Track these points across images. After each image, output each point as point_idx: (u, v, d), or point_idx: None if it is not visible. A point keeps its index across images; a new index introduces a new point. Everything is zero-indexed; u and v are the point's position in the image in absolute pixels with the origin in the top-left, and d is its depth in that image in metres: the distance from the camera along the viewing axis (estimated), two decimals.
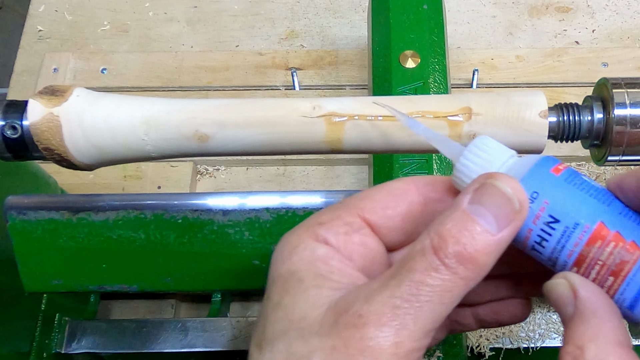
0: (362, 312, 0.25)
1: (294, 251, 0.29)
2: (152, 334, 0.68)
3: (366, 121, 0.39)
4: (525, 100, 0.39)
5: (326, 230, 0.29)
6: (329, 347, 0.25)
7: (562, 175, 0.28)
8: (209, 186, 0.82)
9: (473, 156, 0.29)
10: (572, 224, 0.27)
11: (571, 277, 0.27)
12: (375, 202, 0.30)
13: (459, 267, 0.25)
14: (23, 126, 0.38)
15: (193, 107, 0.39)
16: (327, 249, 0.29)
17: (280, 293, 0.28)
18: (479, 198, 0.27)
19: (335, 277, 0.28)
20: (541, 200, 0.28)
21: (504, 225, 0.26)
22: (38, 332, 0.64)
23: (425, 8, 0.68)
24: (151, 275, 0.45)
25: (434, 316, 0.26)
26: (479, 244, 0.26)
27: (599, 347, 0.25)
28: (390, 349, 0.25)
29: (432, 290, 0.25)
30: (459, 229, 0.26)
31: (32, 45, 0.91)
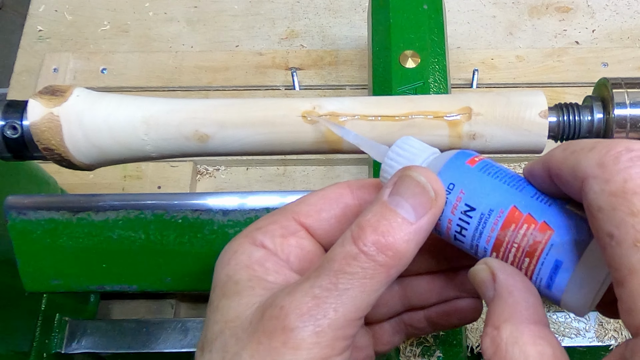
0: (284, 304, 0.26)
1: (232, 256, 0.30)
2: (152, 334, 0.68)
3: (366, 121, 0.39)
4: (525, 100, 0.39)
5: (263, 235, 0.30)
6: (255, 342, 0.26)
7: (477, 166, 0.29)
8: (209, 186, 0.82)
9: (396, 155, 0.31)
10: (487, 210, 0.28)
11: (490, 262, 0.28)
12: (310, 206, 0.31)
13: (378, 254, 0.26)
14: (23, 126, 0.38)
15: (193, 107, 0.39)
16: (263, 252, 0.30)
17: (219, 296, 0.29)
18: (397, 189, 0.27)
19: (271, 278, 0.29)
20: (457, 190, 0.29)
21: (422, 214, 0.27)
22: (38, 332, 0.64)
23: (425, 8, 0.68)
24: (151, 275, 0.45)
25: (356, 304, 0.26)
26: (398, 232, 0.26)
27: (513, 325, 0.25)
28: (311, 338, 0.25)
29: (352, 279, 0.26)
30: (378, 219, 0.27)
31: (32, 45, 0.91)
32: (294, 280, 0.29)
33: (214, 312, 0.29)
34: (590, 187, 0.24)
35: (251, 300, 0.28)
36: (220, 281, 0.29)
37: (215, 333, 0.28)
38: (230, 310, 0.28)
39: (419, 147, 0.31)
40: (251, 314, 0.27)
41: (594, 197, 0.24)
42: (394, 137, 0.39)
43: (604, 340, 0.67)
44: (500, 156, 0.81)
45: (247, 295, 0.28)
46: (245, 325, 0.27)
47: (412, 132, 0.39)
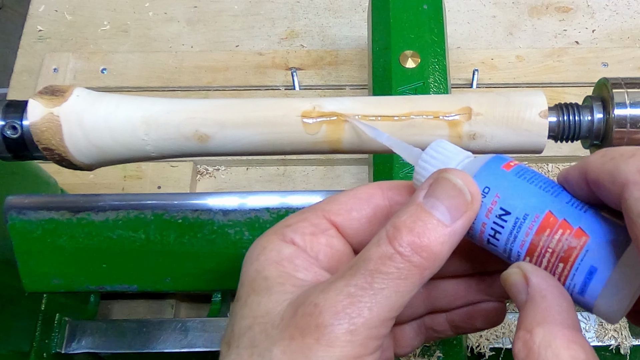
0: (318, 302, 0.26)
1: (262, 252, 0.30)
2: (152, 334, 0.68)
3: (366, 121, 0.39)
4: (525, 100, 0.39)
5: (293, 232, 0.30)
6: (288, 338, 0.26)
7: (512, 171, 0.29)
8: (209, 186, 0.82)
9: (430, 158, 0.31)
10: (522, 215, 0.28)
11: (523, 266, 0.28)
12: (340, 205, 0.31)
13: (413, 255, 0.26)
14: (23, 126, 0.38)
15: (193, 107, 0.39)
16: (293, 248, 0.30)
17: (247, 292, 0.29)
18: (433, 191, 0.28)
19: (300, 275, 0.29)
20: (493, 194, 0.29)
21: (457, 217, 0.27)
22: (38, 332, 0.64)
23: (425, 8, 0.68)
24: (151, 275, 0.45)
25: (389, 304, 0.26)
26: (433, 234, 0.26)
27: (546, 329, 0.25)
28: (345, 336, 0.25)
29: (386, 278, 0.26)
30: (413, 220, 0.27)
31: (32, 45, 0.91)
32: (323, 278, 0.29)
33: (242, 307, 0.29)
34: (631, 193, 0.24)
35: (281, 296, 0.28)
36: (249, 276, 0.29)
37: (243, 328, 0.28)
38: (259, 306, 0.28)
39: (452, 150, 0.31)
40: (282, 310, 0.27)
41: (634, 203, 0.24)
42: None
43: (604, 340, 0.67)
44: None
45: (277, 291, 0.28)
46: (276, 322, 0.27)
47: (412, 132, 0.39)
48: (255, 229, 0.44)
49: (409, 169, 0.60)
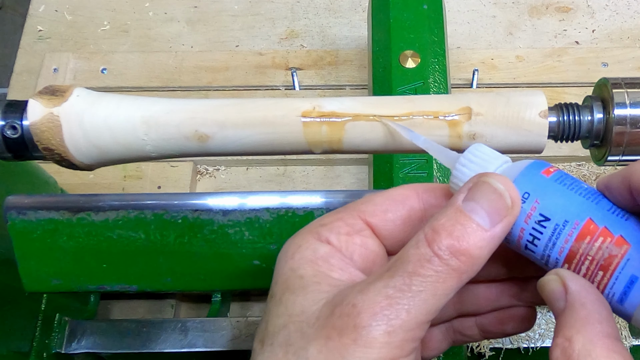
0: (356, 302, 0.26)
1: (297, 251, 0.30)
2: (152, 334, 0.68)
3: (366, 121, 0.39)
4: (525, 100, 0.39)
5: (328, 231, 0.30)
6: (324, 337, 0.26)
7: (552, 177, 0.29)
8: (209, 186, 0.82)
9: (468, 162, 0.31)
10: (562, 222, 0.28)
11: (562, 273, 0.28)
12: (376, 206, 0.31)
13: (452, 259, 0.26)
14: (23, 126, 0.38)
15: (193, 107, 0.39)
16: (328, 248, 0.29)
17: (282, 290, 0.29)
18: (472, 195, 0.27)
19: (336, 275, 0.29)
20: (532, 199, 0.29)
21: (497, 221, 0.27)
22: (38, 332, 0.64)
23: (425, 8, 0.68)
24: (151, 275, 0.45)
25: (427, 307, 0.26)
26: (472, 238, 0.26)
27: (586, 338, 0.25)
28: (382, 337, 0.25)
29: (425, 281, 0.26)
30: (452, 223, 0.27)
31: (32, 45, 0.91)
32: (358, 278, 0.29)
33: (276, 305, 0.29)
34: None
35: (317, 295, 0.28)
36: (284, 274, 0.29)
37: (277, 326, 0.28)
38: (295, 305, 0.28)
39: (491, 155, 0.31)
40: (318, 309, 0.27)
41: None
42: (394, 137, 0.39)
43: None
44: None
45: (312, 290, 0.28)
46: (312, 321, 0.27)
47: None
48: (255, 229, 0.44)
49: (409, 169, 0.60)
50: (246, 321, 0.69)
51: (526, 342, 0.66)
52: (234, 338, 0.68)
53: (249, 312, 0.78)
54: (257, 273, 0.44)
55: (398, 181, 0.59)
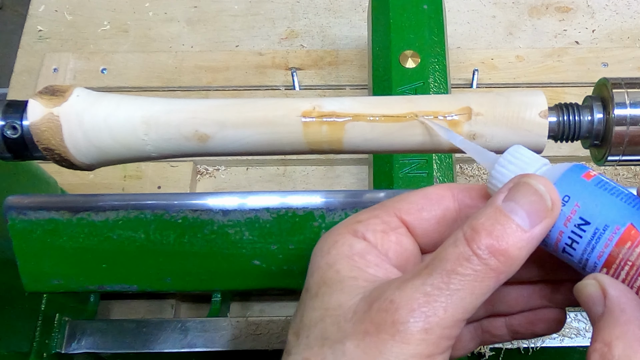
0: (394, 298, 0.26)
1: (333, 246, 0.30)
2: (152, 334, 0.68)
3: (366, 121, 0.39)
4: (525, 100, 0.39)
5: (364, 227, 0.30)
6: (362, 332, 0.26)
7: (592, 181, 0.29)
8: (209, 186, 0.82)
9: (507, 163, 0.31)
10: (602, 226, 0.28)
11: (601, 278, 0.28)
12: (411, 204, 0.31)
13: (490, 258, 0.26)
14: (23, 126, 0.38)
15: (193, 107, 0.39)
16: (364, 244, 0.30)
17: (318, 284, 0.29)
18: (512, 195, 0.28)
19: (371, 270, 0.29)
20: (572, 203, 0.29)
21: (536, 223, 0.27)
22: (38, 332, 0.64)
23: (425, 8, 0.68)
24: (151, 275, 0.45)
25: (464, 306, 0.26)
26: (511, 238, 0.26)
27: (626, 343, 0.25)
28: (419, 334, 0.26)
29: (463, 280, 0.26)
30: (492, 223, 0.27)
31: (32, 45, 0.91)
32: (394, 275, 0.29)
33: (312, 298, 0.29)
34: None
35: (354, 290, 0.28)
36: (320, 269, 0.30)
37: (313, 320, 0.28)
38: (331, 299, 0.28)
39: (530, 157, 0.31)
40: (354, 304, 0.27)
41: None
42: (394, 137, 0.39)
43: None
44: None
45: (349, 285, 0.28)
46: (349, 315, 0.27)
47: (412, 132, 0.39)
48: (255, 229, 0.44)
49: (409, 169, 0.60)
50: (246, 321, 0.69)
51: (526, 342, 0.66)
52: (234, 338, 0.68)
53: (249, 312, 0.78)
54: (257, 273, 0.44)
55: (398, 181, 0.59)
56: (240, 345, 0.67)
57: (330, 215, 0.43)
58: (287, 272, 0.44)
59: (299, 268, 0.43)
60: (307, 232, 0.43)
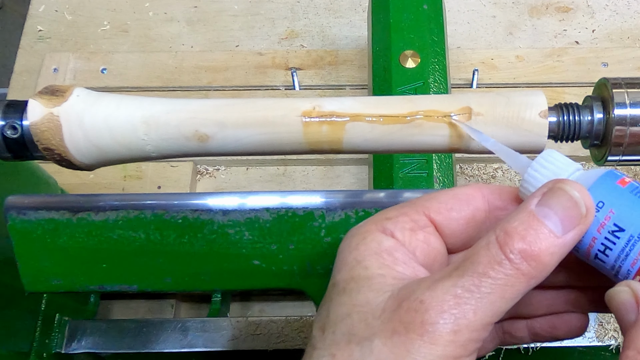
0: (424, 298, 0.26)
1: (361, 242, 0.30)
2: (152, 334, 0.68)
3: (366, 121, 0.39)
4: (525, 100, 0.39)
5: (393, 225, 0.30)
6: (390, 330, 0.26)
7: (628, 187, 0.29)
8: (209, 186, 0.82)
9: (540, 167, 0.30)
10: (638, 233, 0.28)
11: (634, 285, 0.28)
12: (441, 203, 0.31)
13: (522, 263, 0.26)
14: (23, 126, 0.38)
15: (193, 107, 0.39)
16: (393, 241, 0.30)
17: (346, 279, 0.29)
18: (546, 201, 0.27)
19: (400, 268, 0.29)
20: (607, 209, 0.28)
21: (569, 229, 0.27)
22: (38, 332, 0.64)
23: (425, 8, 0.68)
24: (151, 275, 0.45)
25: (493, 309, 0.26)
26: (544, 244, 0.27)
27: None
28: (448, 335, 0.26)
29: (494, 283, 0.26)
30: (525, 227, 0.27)
31: (32, 45, 0.91)
32: (421, 273, 0.29)
33: (339, 294, 0.29)
34: None
35: (382, 287, 0.28)
36: (348, 264, 0.30)
37: (340, 315, 0.28)
38: (359, 295, 0.28)
39: (563, 162, 0.31)
40: (383, 301, 0.27)
41: None
42: (394, 137, 0.39)
43: (604, 340, 0.67)
44: None
45: (377, 282, 0.28)
46: (377, 312, 0.27)
47: (412, 132, 0.39)
48: (255, 229, 0.44)
49: (409, 169, 0.60)
50: (246, 321, 0.69)
51: None
52: (234, 338, 0.68)
53: (249, 312, 0.78)
54: (257, 273, 0.44)
55: (398, 181, 0.59)
56: (240, 345, 0.67)
57: (330, 215, 0.43)
58: (287, 272, 0.44)
59: (299, 268, 0.43)
60: (307, 232, 0.43)
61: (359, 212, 0.42)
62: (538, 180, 0.30)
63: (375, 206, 0.42)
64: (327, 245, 0.43)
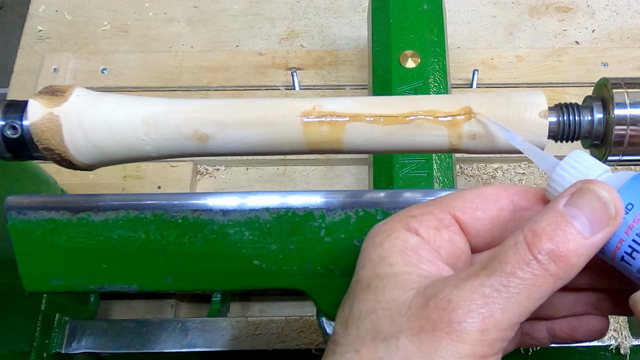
0: (452, 297, 0.26)
1: (386, 239, 0.30)
2: (152, 334, 0.68)
3: (366, 121, 0.39)
4: (525, 100, 0.39)
5: (418, 223, 0.30)
6: (417, 328, 0.26)
7: None
8: (209, 186, 0.82)
9: (569, 167, 0.30)
10: None
11: None
12: (466, 202, 0.31)
13: (550, 264, 0.26)
14: (23, 126, 0.38)
15: (193, 107, 0.39)
16: (418, 239, 0.30)
17: (371, 276, 0.29)
18: (575, 201, 0.27)
19: (424, 266, 0.29)
20: (636, 211, 0.28)
21: (597, 230, 0.27)
22: (38, 332, 0.64)
23: (425, 8, 0.68)
24: (151, 275, 0.45)
25: (520, 309, 0.26)
26: (572, 244, 0.27)
27: None
28: (476, 334, 0.26)
29: (522, 283, 0.26)
30: (553, 228, 0.27)
31: (32, 45, 0.91)
32: (446, 272, 0.29)
33: (363, 290, 0.29)
34: None
35: (407, 285, 0.28)
36: (372, 261, 0.30)
37: (364, 311, 0.28)
38: (384, 292, 0.28)
39: (592, 162, 0.30)
40: (409, 299, 0.27)
41: None
42: (394, 137, 0.39)
43: (604, 340, 0.67)
44: (500, 156, 0.81)
45: (403, 279, 0.28)
46: (403, 310, 0.27)
47: (412, 132, 0.39)
48: (255, 229, 0.44)
49: (409, 169, 0.60)
50: (246, 321, 0.69)
51: None
52: (234, 338, 0.68)
53: (249, 312, 0.78)
54: (257, 273, 0.44)
55: (398, 181, 0.59)
56: (240, 345, 0.67)
57: (330, 215, 0.43)
58: (287, 272, 0.44)
59: (299, 268, 0.43)
60: (307, 232, 0.43)
61: (359, 212, 0.42)
62: (566, 181, 0.30)
63: (375, 206, 0.42)
64: (327, 245, 0.43)
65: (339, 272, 0.42)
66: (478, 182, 0.81)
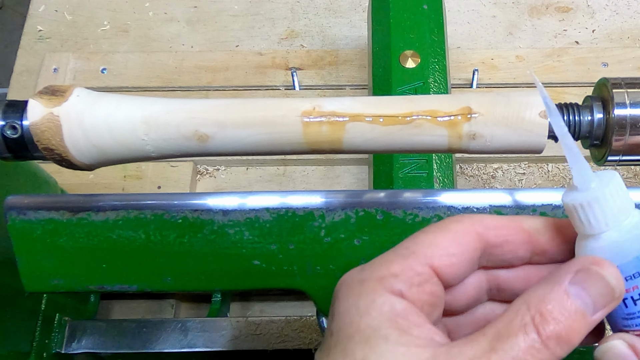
0: None
1: (371, 306, 0.29)
2: (152, 334, 0.68)
3: (366, 121, 0.39)
4: (525, 100, 0.39)
5: (401, 283, 0.30)
6: None
7: None
8: (209, 186, 0.82)
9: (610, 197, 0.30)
10: None
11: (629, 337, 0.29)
12: (442, 250, 0.31)
13: (556, 347, 0.27)
14: (23, 126, 0.38)
15: (193, 107, 0.39)
16: (404, 303, 0.29)
17: (364, 350, 0.28)
18: (582, 281, 0.28)
19: (416, 332, 0.29)
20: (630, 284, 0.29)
21: (599, 309, 0.28)
22: (38, 332, 0.64)
23: (425, 8, 0.68)
24: (151, 275, 0.45)
25: None
26: (576, 326, 0.27)
27: None
28: None
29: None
30: (560, 311, 0.27)
31: (32, 45, 0.91)
32: (436, 335, 0.29)
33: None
34: None
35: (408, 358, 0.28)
36: (361, 331, 0.29)
37: None
38: None
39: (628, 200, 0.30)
40: None
41: None
42: (394, 137, 0.39)
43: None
44: (500, 156, 0.81)
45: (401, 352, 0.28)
46: None
47: (412, 132, 0.39)
48: (255, 229, 0.44)
49: (409, 169, 0.60)
50: (246, 321, 0.69)
51: None
52: (234, 338, 0.68)
53: (249, 312, 0.78)
54: (257, 273, 0.44)
55: (398, 181, 0.59)
56: (240, 345, 0.67)
57: (330, 215, 0.43)
58: (287, 272, 0.44)
59: (299, 268, 0.43)
60: (307, 232, 0.43)
61: (359, 212, 0.42)
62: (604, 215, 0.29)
63: (375, 206, 0.42)
64: (327, 245, 0.43)
65: (339, 272, 0.42)
66: (478, 182, 0.81)
